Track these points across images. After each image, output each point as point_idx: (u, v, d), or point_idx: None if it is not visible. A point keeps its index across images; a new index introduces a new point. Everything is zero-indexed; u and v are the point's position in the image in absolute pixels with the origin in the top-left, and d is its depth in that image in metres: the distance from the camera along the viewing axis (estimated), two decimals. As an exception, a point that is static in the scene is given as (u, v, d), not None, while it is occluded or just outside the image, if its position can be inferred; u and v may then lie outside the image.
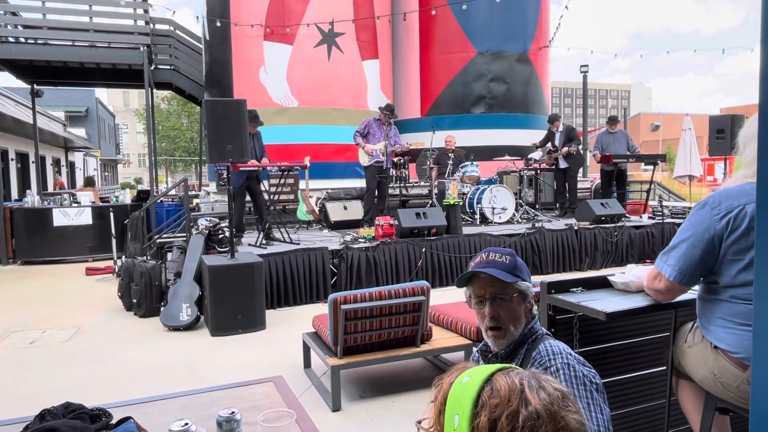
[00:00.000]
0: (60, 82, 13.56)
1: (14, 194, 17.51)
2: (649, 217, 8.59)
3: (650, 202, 9.35)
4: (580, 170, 10.57)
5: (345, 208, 8.45)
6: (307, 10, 10.36)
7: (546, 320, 2.16)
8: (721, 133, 7.78)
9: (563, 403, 0.87)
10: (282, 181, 7.77)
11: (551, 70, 13.11)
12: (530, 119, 11.95)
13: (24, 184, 19.64)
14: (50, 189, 18.84)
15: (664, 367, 2.23)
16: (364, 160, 7.68)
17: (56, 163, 26.11)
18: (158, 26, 11.84)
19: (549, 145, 9.28)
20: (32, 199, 9.67)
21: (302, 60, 10.43)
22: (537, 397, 0.85)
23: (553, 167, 9.20)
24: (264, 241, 6.63)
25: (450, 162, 8.85)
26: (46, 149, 23.16)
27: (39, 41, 10.64)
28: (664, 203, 9.53)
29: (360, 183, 9.93)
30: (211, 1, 11.15)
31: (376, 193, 7.84)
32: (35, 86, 12.62)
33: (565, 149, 8.90)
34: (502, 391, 0.86)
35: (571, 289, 2.19)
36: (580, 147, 9.41)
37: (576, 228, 7.56)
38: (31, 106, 13.28)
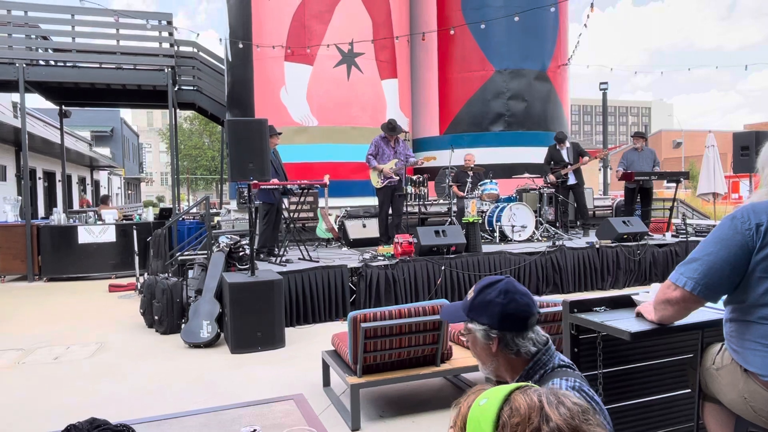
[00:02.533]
0: (87, 103, 13.95)
1: (41, 212, 17.93)
2: (673, 236, 8.45)
3: (673, 220, 9.21)
4: (599, 188, 10.46)
5: (364, 225, 8.47)
6: (327, 31, 10.54)
7: (569, 340, 2.13)
8: (746, 150, 7.66)
9: (584, 417, 0.87)
10: (302, 199, 7.84)
11: (570, 88, 13.09)
12: (549, 137, 11.88)
13: (51, 203, 20.11)
14: (76, 207, 19.27)
15: (691, 389, 2.17)
16: (376, 181, 7.65)
17: (82, 181, 26.71)
18: (182, 48, 12.14)
19: (552, 162, 9.23)
20: (58, 217, 9.89)
21: (322, 80, 10.58)
22: (557, 413, 0.85)
23: (559, 185, 9.11)
24: (284, 259, 6.67)
25: (469, 180, 8.84)
26: (73, 168, 23.75)
27: (68, 64, 10.98)
28: (688, 221, 9.38)
29: (379, 201, 9.97)
30: (234, 24, 11.42)
31: (390, 210, 7.82)
32: (63, 107, 13.00)
33: (586, 158, 8.86)
34: (522, 409, 0.86)
35: (594, 309, 2.16)
36: (601, 164, 9.39)
37: (597, 246, 7.47)
38: (59, 126, 13.66)
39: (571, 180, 9.04)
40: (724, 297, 1.82)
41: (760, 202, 1.74)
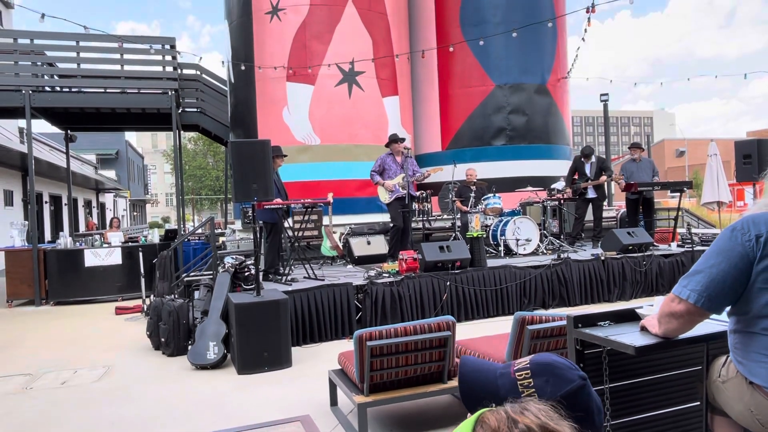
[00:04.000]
0: (92, 127, 14.09)
1: (48, 236, 18.03)
2: (678, 245, 8.43)
3: (679, 230, 9.18)
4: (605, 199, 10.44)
5: (368, 243, 8.49)
6: (327, 51, 10.67)
7: (574, 355, 2.13)
8: (748, 158, 7.65)
9: (549, 415, 0.92)
10: (306, 217, 7.87)
11: (571, 100, 13.15)
12: (551, 149, 11.95)
13: (57, 226, 20.23)
14: (82, 230, 19.38)
15: (699, 402, 2.16)
16: (384, 197, 7.65)
17: (87, 204, 26.89)
18: (186, 71, 12.30)
19: (575, 175, 9.25)
20: (65, 240, 9.94)
21: (324, 99, 10.69)
22: (523, 416, 0.91)
23: (578, 197, 9.13)
24: (289, 278, 6.68)
25: (472, 194, 8.86)
26: (78, 191, 23.93)
27: (73, 89, 11.12)
28: (693, 230, 9.35)
29: (383, 218, 9.98)
30: (236, 46, 11.57)
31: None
32: (69, 131, 13.14)
33: (604, 178, 8.88)
34: (492, 422, 0.91)
35: (599, 323, 2.17)
36: (613, 176, 9.39)
37: (603, 258, 7.45)
38: (64, 150, 13.80)
39: (591, 194, 9.04)
40: (728, 308, 1.82)
41: (760, 213, 1.76)
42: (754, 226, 1.72)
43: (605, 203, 13.32)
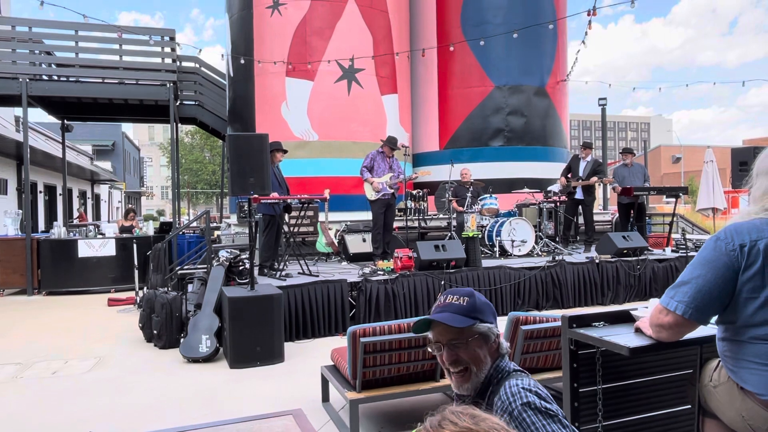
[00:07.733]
0: (89, 117, 14.01)
1: (41, 226, 17.94)
2: (673, 251, 8.45)
3: (673, 235, 9.22)
4: (599, 202, 10.41)
5: (364, 240, 8.48)
6: (327, 47, 10.65)
7: (568, 355, 2.13)
8: (744, 165, 7.72)
9: (472, 414, 0.92)
10: (302, 213, 7.85)
11: (570, 103, 13.18)
12: (549, 152, 11.98)
13: (51, 216, 20.12)
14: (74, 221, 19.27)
15: (690, 406, 2.17)
16: (371, 194, 7.58)
17: (82, 195, 26.75)
18: (185, 64, 12.25)
19: (570, 174, 9.23)
20: (59, 230, 9.89)
21: (323, 95, 10.67)
22: (442, 428, 0.90)
23: (567, 197, 9.09)
24: (284, 274, 6.66)
25: (468, 194, 8.86)
26: (73, 182, 23.81)
27: (71, 79, 11.06)
28: (688, 236, 9.38)
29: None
30: (236, 40, 11.53)
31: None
32: (65, 121, 13.07)
33: (594, 179, 8.84)
34: None
35: (593, 324, 2.17)
36: (604, 179, 9.36)
37: (597, 261, 7.47)
38: (60, 140, 13.73)
39: (579, 195, 9.01)
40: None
41: (743, 221, 1.75)
42: (738, 235, 1.72)
43: (599, 207, 13.32)
